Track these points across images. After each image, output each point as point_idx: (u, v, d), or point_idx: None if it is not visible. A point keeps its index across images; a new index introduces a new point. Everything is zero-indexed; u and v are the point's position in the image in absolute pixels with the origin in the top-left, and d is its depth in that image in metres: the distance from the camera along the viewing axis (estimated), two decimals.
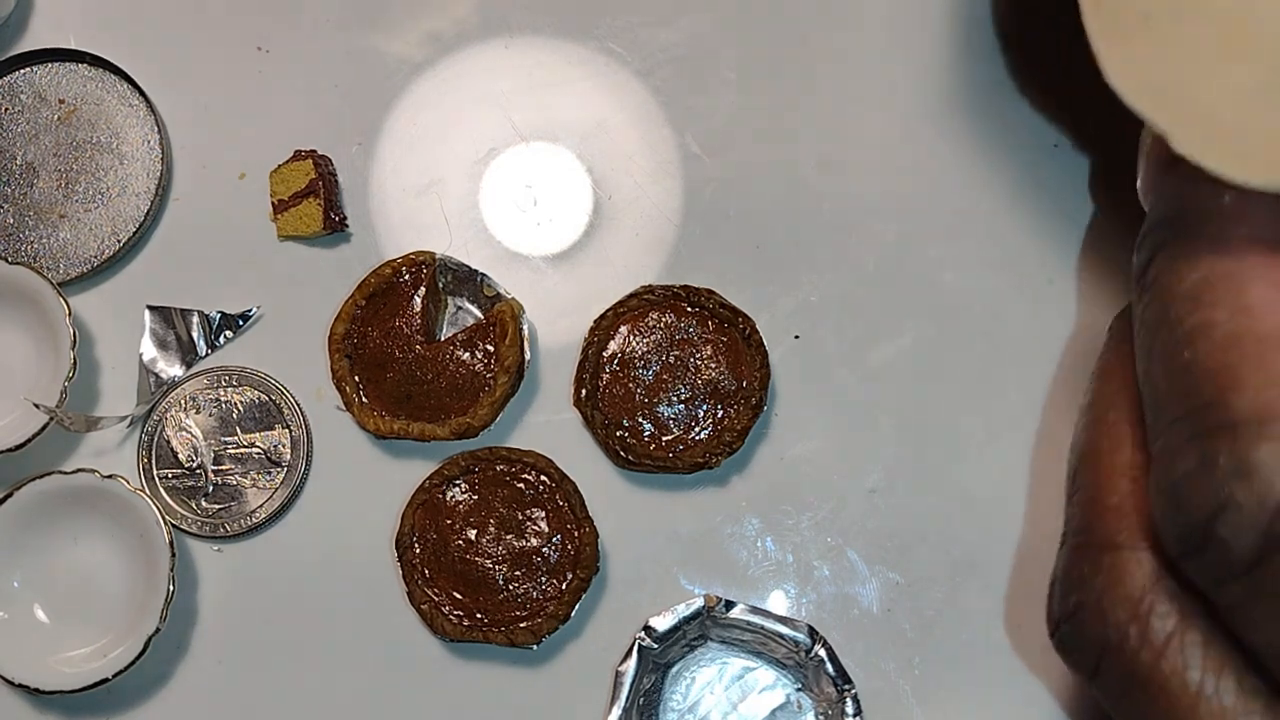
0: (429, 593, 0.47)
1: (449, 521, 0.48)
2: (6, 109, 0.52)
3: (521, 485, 0.48)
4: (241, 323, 0.51)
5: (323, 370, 0.50)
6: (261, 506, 0.49)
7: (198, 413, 0.50)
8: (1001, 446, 0.48)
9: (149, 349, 0.51)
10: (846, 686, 0.45)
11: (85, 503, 0.48)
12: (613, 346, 0.49)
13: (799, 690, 0.47)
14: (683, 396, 0.48)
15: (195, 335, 0.51)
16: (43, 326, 0.49)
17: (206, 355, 0.51)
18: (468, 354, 0.49)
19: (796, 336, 0.50)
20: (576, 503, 0.47)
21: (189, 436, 0.50)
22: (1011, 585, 0.48)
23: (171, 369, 0.50)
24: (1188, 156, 0.23)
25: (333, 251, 0.51)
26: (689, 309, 0.49)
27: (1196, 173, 0.23)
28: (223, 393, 0.50)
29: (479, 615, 0.47)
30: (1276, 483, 0.23)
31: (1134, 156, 0.30)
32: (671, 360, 0.48)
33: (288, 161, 0.51)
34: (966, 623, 0.47)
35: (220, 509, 0.49)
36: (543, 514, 0.48)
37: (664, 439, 0.48)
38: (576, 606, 0.47)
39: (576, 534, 0.47)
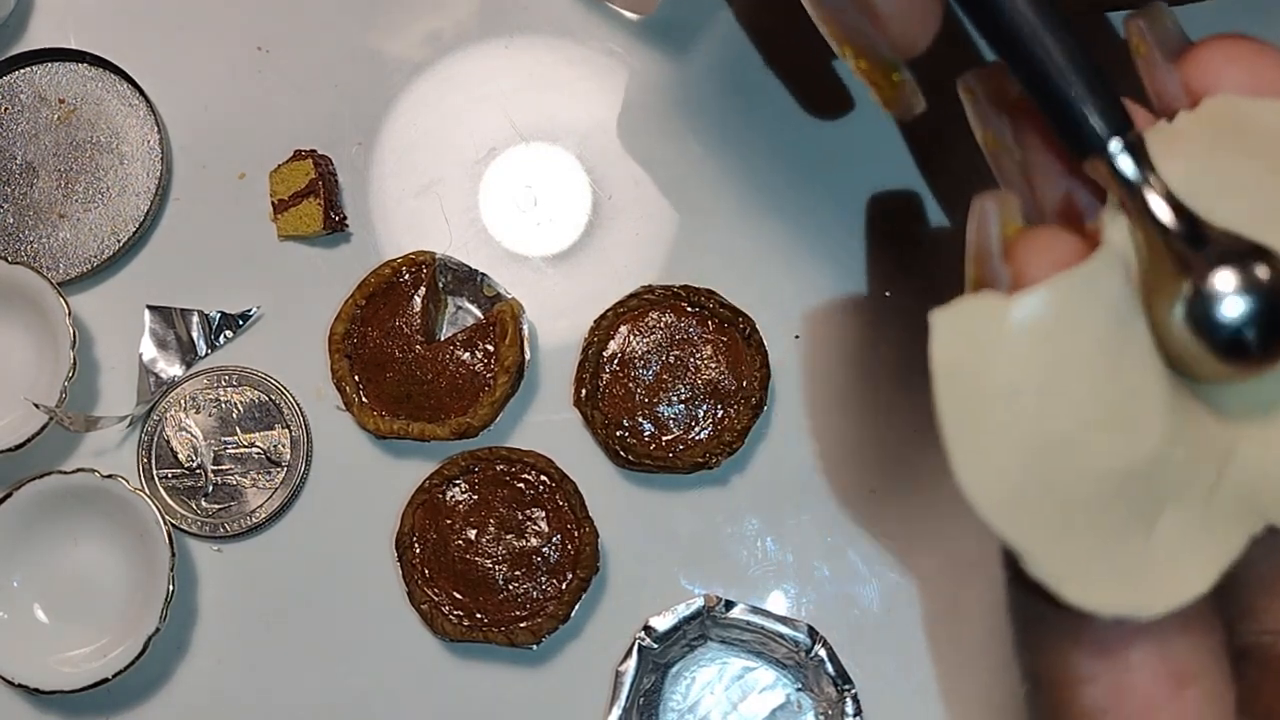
0: (429, 593, 0.47)
1: (449, 521, 0.48)
2: (6, 109, 0.52)
3: (521, 485, 0.48)
4: (241, 323, 0.51)
5: (323, 370, 0.50)
6: (261, 506, 0.49)
7: (198, 413, 0.50)
8: None
9: (149, 349, 0.51)
10: (846, 686, 0.45)
11: (85, 503, 0.48)
12: (613, 346, 0.49)
13: (799, 690, 0.47)
14: (683, 396, 0.48)
15: (195, 335, 0.51)
16: (43, 326, 0.49)
17: (206, 355, 0.51)
18: (468, 354, 0.49)
19: (796, 336, 0.49)
20: (576, 503, 0.47)
21: (189, 436, 0.50)
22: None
23: (171, 369, 0.50)
24: (1041, 580, 0.21)
25: (333, 251, 0.51)
26: (689, 309, 0.49)
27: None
28: (223, 393, 0.50)
29: (479, 615, 0.47)
30: None
31: None
32: (671, 360, 0.48)
33: (288, 161, 0.51)
34: (966, 623, 0.47)
35: (220, 509, 0.49)
36: (543, 514, 0.48)
37: (664, 439, 0.48)
38: (576, 606, 0.47)
39: (576, 534, 0.47)
